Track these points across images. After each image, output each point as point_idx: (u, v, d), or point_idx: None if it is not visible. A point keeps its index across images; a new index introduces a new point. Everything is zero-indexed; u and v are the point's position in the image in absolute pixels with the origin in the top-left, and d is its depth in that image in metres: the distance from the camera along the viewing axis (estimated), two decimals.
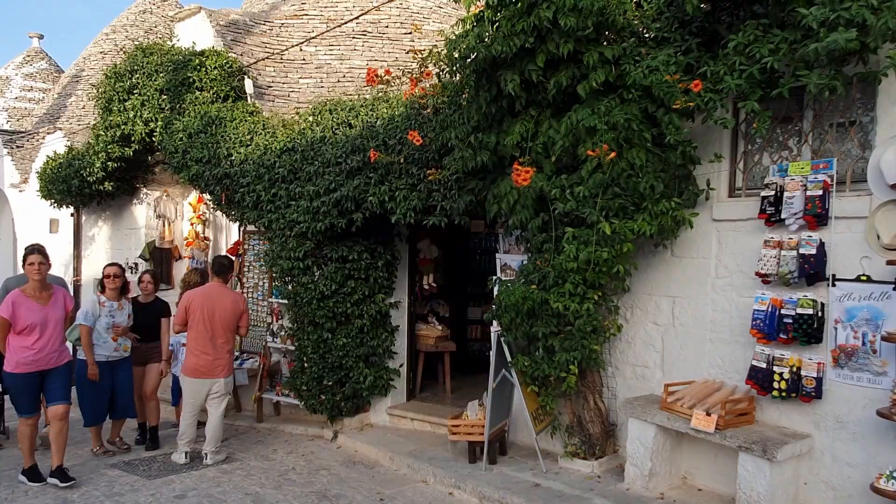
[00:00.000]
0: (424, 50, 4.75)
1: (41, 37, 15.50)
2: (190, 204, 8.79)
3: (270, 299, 7.26)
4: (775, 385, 3.86)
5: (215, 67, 7.07)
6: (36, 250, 5.01)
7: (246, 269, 7.79)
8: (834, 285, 3.71)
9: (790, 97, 3.62)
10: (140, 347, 5.97)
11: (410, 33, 8.17)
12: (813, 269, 3.71)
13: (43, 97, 14.37)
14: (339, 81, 7.78)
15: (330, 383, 6.27)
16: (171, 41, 7.98)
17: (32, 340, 4.84)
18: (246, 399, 7.40)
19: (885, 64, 3.12)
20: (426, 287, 7.26)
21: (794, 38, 3.26)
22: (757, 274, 3.97)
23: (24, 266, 5.04)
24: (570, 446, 4.94)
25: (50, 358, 4.93)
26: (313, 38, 7.45)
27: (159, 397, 6.26)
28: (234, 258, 7.89)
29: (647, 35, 4.03)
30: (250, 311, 7.57)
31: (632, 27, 3.98)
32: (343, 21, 7.68)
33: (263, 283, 7.50)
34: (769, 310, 3.89)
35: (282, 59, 7.86)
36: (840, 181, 3.74)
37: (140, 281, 6.31)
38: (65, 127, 11.10)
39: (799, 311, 3.76)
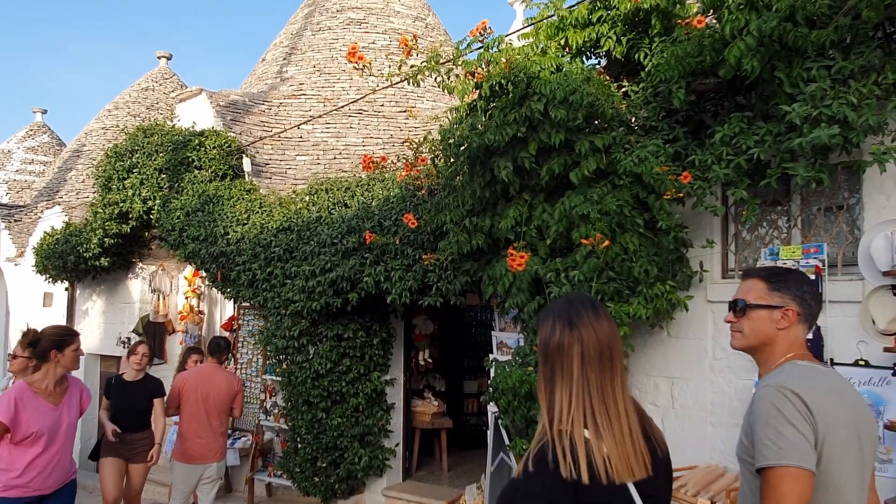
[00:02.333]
0: (419, 139, 4.86)
1: (45, 111, 15.85)
2: (185, 278, 8.78)
3: (264, 376, 7.17)
4: None
5: (214, 147, 7.22)
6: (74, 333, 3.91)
7: (240, 345, 7.72)
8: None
9: (778, 182, 3.69)
10: (125, 438, 5.10)
11: (405, 111, 8.40)
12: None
13: (43, 170, 14.58)
14: (335, 158, 7.94)
15: (324, 464, 6.12)
16: (172, 120, 8.17)
17: (35, 454, 3.51)
18: (237, 479, 7.19)
19: (867, 158, 3.20)
20: (422, 363, 7.18)
21: (779, 131, 3.36)
22: None
23: (60, 350, 3.67)
24: None
25: (55, 478, 3.64)
26: (311, 119, 7.63)
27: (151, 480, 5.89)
28: (228, 333, 7.85)
29: (635, 124, 4.14)
30: (244, 388, 7.46)
31: (620, 116, 4.10)
32: (341, 104, 7.90)
33: (257, 359, 7.42)
34: None
35: (279, 136, 8.04)
36: (832, 264, 3.78)
37: (133, 353, 5.38)
38: (63, 201, 11.21)
39: None
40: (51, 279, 9.54)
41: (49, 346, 3.64)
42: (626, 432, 1.54)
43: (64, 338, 3.72)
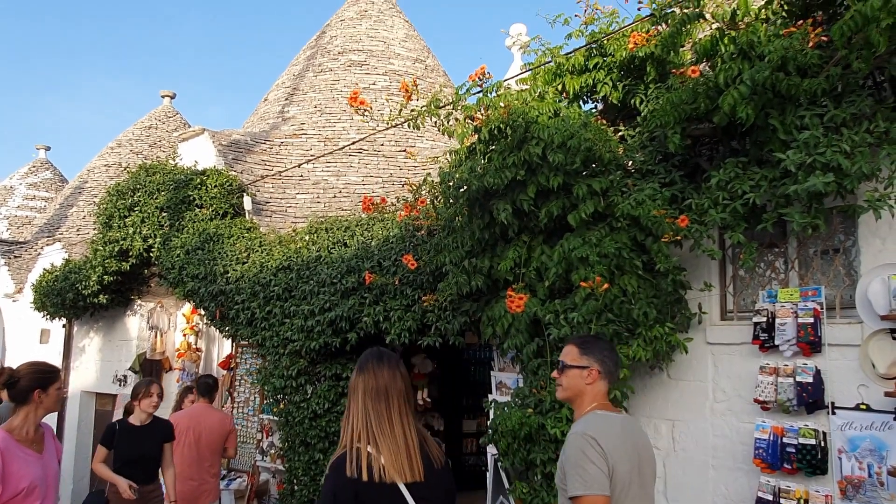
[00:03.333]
0: (418, 181, 4.92)
1: (48, 148, 16.02)
2: (184, 315, 8.76)
3: (261, 415, 7.10)
4: None
5: (215, 186, 7.28)
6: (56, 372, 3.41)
7: (237, 384, 7.66)
8: (834, 413, 3.66)
9: (774, 226, 3.72)
10: (139, 493, 4.50)
11: (405, 150, 8.51)
12: (811, 398, 3.67)
13: (45, 206, 14.66)
14: (335, 197, 8.00)
15: None
16: (174, 159, 8.26)
17: None
18: None
19: (862, 203, 3.24)
20: (420, 402, 7.13)
21: (774, 176, 3.41)
22: (756, 400, 3.92)
23: (45, 390, 3.23)
24: None
25: None
26: (313, 159, 7.72)
27: None
28: (226, 372, 7.81)
29: (632, 167, 4.20)
30: (240, 427, 7.38)
31: (618, 160, 4.15)
32: (342, 145, 8.00)
33: (254, 398, 7.36)
34: (771, 438, 3.82)
35: (280, 175, 8.12)
36: (830, 306, 3.79)
37: (147, 395, 4.80)
38: (64, 237, 11.25)
39: (801, 440, 3.69)
40: (49, 316, 9.52)
41: (31, 385, 3.20)
42: (402, 447, 2.15)
43: (47, 375, 3.29)
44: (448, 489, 2.26)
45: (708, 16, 3.90)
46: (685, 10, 3.76)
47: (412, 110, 4.41)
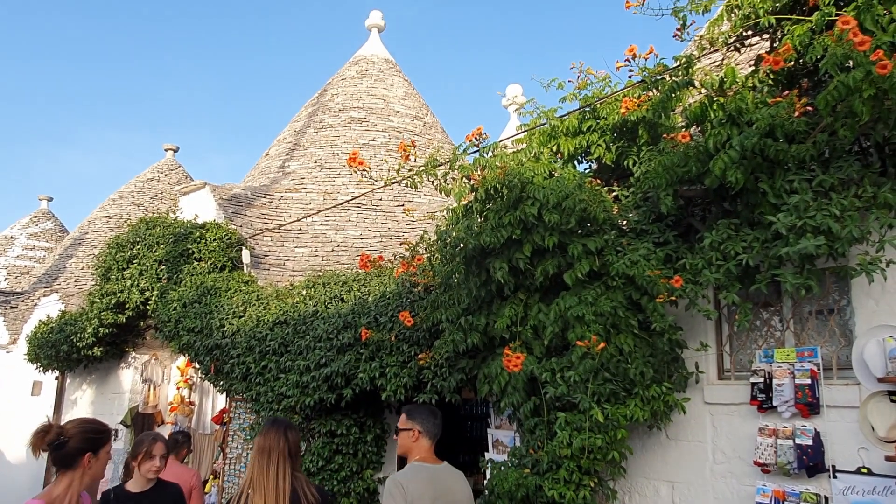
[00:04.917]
0: (415, 238, 4.96)
1: (50, 199, 16.18)
2: (178, 368, 8.69)
3: None
4: None
5: (215, 239, 7.33)
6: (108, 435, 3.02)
7: (230, 439, 7.53)
8: (835, 477, 3.61)
9: (768, 286, 3.75)
10: None
11: (402, 205, 8.61)
12: (812, 461, 3.62)
13: (45, 256, 14.70)
14: (333, 251, 8.05)
15: None
16: (175, 212, 8.35)
17: None
18: None
19: (854, 269, 3.28)
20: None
21: (765, 238, 3.45)
22: (756, 463, 3.87)
23: (95, 454, 2.84)
24: None
25: None
26: (312, 214, 7.81)
27: None
28: (219, 427, 7.68)
29: (626, 227, 4.25)
30: (231, 484, 7.22)
31: (612, 219, 4.21)
32: (341, 200, 8.10)
33: (247, 454, 7.21)
34: (772, 502, 3.75)
35: (279, 229, 8.20)
36: (827, 367, 3.78)
37: (148, 456, 3.94)
38: (62, 288, 11.25)
39: None
40: (42, 368, 9.42)
41: (82, 447, 2.76)
42: (272, 491, 2.95)
43: (101, 435, 2.86)
44: None
45: (697, 83, 4.03)
46: (675, 78, 3.88)
47: (410, 169, 4.49)
